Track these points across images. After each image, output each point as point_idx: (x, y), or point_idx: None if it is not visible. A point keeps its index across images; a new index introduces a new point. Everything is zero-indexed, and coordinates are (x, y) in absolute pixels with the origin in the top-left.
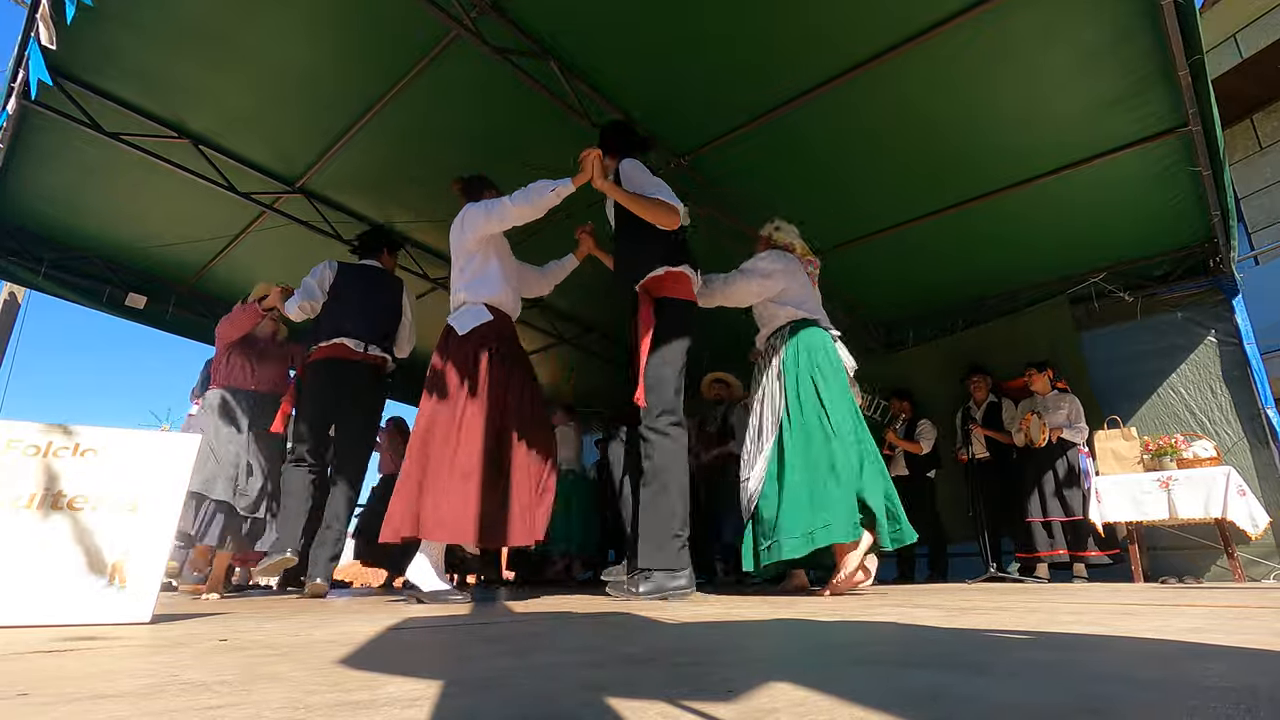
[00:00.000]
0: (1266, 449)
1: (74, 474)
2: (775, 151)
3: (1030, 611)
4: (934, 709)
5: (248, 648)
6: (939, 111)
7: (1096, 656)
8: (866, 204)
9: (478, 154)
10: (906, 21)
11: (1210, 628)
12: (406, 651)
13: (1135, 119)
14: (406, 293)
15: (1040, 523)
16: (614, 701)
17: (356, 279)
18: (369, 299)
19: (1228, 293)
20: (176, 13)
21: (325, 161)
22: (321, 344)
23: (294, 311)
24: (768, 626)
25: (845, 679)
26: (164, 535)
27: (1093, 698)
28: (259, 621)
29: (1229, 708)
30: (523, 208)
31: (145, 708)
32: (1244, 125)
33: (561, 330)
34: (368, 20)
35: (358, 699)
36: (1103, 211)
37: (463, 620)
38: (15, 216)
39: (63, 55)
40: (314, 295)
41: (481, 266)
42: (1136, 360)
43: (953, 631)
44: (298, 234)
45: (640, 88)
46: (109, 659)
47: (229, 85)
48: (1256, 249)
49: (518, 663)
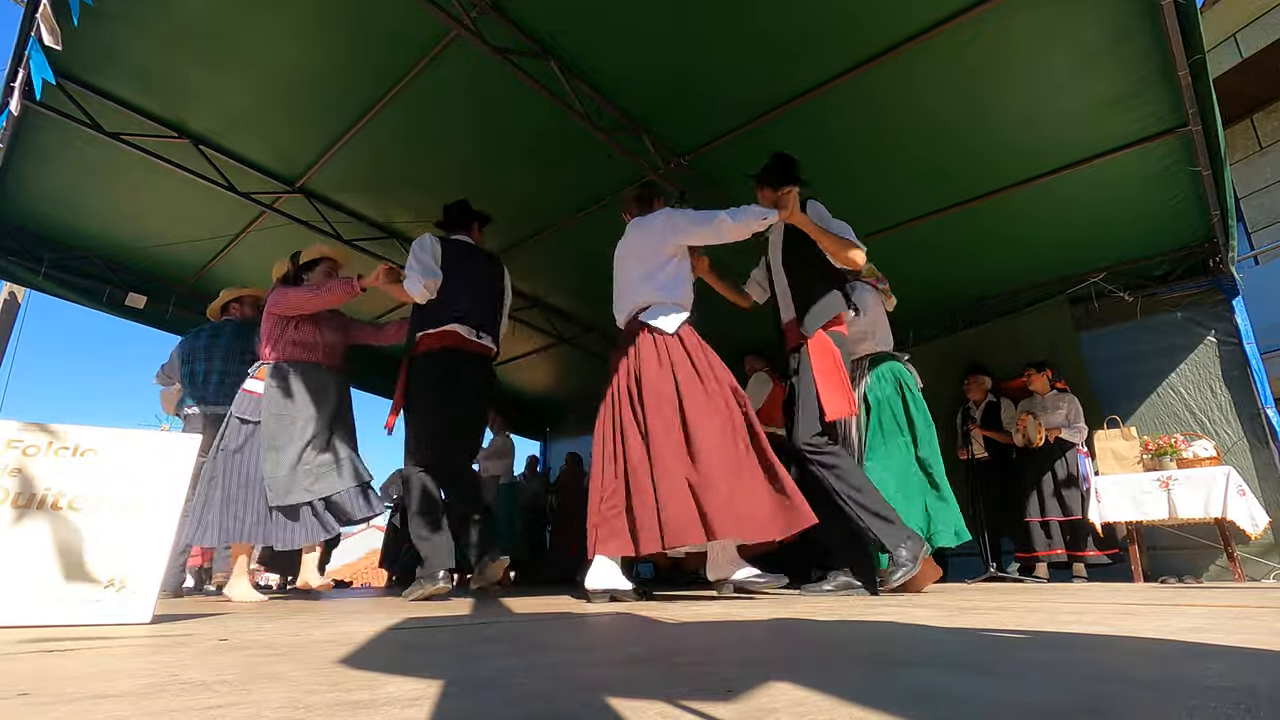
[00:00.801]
0: (1266, 449)
1: (74, 474)
2: (775, 151)
3: (1030, 611)
4: (934, 709)
5: (247, 647)
6: (939, 111)
7: (1096, 656)
8: (866, 203)
9: (478, 154)
10: (906, 21)
11: (1210, 627)
12: (406, 651)
13: (1135, 119)
14: (506, 274)
15: (1039, 523)
16: (614, 701)
17: (463, 257)
18: (477, 280)
19: (1227, 293)
20: (177, 12)
21: (325, 161)
22: (430, 330)
23: (420, 292)
24: (768, 626)
25: (845, 679)
26: (164, 535)
27: (1093, 698)
28: (259, 621)
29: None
30: (737, 226)
31: (145, 708)
32: (1244, 125)
33: (561, 330)
34: (368, 20)
35: (358, 699)
36: (1103, 211)
37: (463, 620)
38: (15, 216)
39: (63, 55)
40: (436, 273)
41: (676, 269)
42: (1136, 360)
43: (953, 631)
44: (298, 234)
45: (640, 88)
46: (109, 659)
47: (229, 85)
48: (1256, 249)
49: (518, 662)
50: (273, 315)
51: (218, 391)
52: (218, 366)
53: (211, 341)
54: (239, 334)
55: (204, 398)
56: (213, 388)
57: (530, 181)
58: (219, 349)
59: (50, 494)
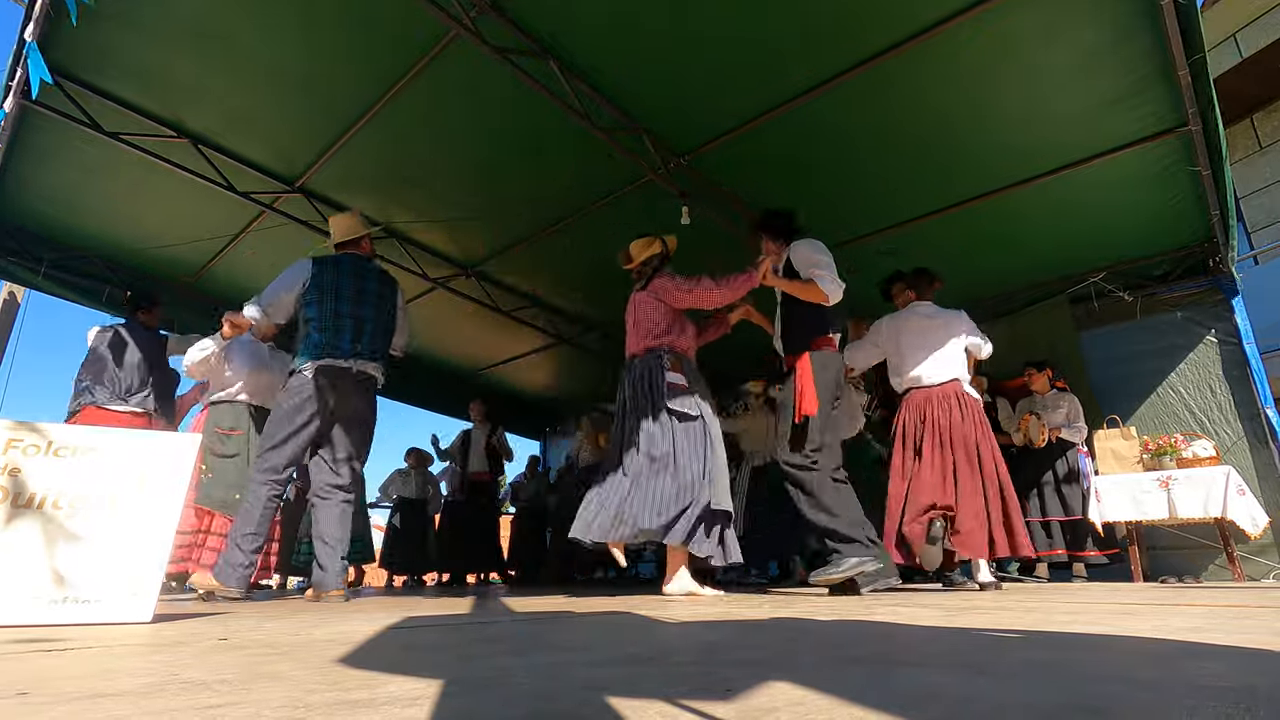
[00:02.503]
0: (1266, 449)
1: (73, 474)
2: (775, 151)
3: (1029, 611)
4: (934, 709)
5: (247, 647)
6: (939, 111)
7: (1096, 656)
8: (865, 203)
9: (477, 154)
10: (907, 20)
11: (1210, 627)
12: (406, 651)
13: (1135, 119)
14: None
15: (1039, 522)
16: (614, 701)
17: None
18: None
19: (1227, 292)
20: (176, 12)
21: (325, 161)
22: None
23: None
24: (767, 626)
25: (845, 679)
26: (164, 535)
27: (1092, 697)
28: (259, 621)
29: (1228, 707)
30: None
31: (145, 707)
32: (1244, 125)
33: (562, 330)
34: (367, 19)
35: (358, 698)
36: (1103, 211)
37: (463, 620)
38: (15, 216)
39: (62, 55)
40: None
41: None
42: (1136, 360)
43: (952, 631)
44: (297, 234)
45: (640, 88)
46: (109, 659)
47: (228, 85)
48: (1256, 249)
49: (518, 662)
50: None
51: (371, 345)
52: (369, 314)
53: (359, 284)
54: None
55: (346, 349)
56: (367, 339)
57: (530, 181)
58: (369, 296)
59: (50, 494)
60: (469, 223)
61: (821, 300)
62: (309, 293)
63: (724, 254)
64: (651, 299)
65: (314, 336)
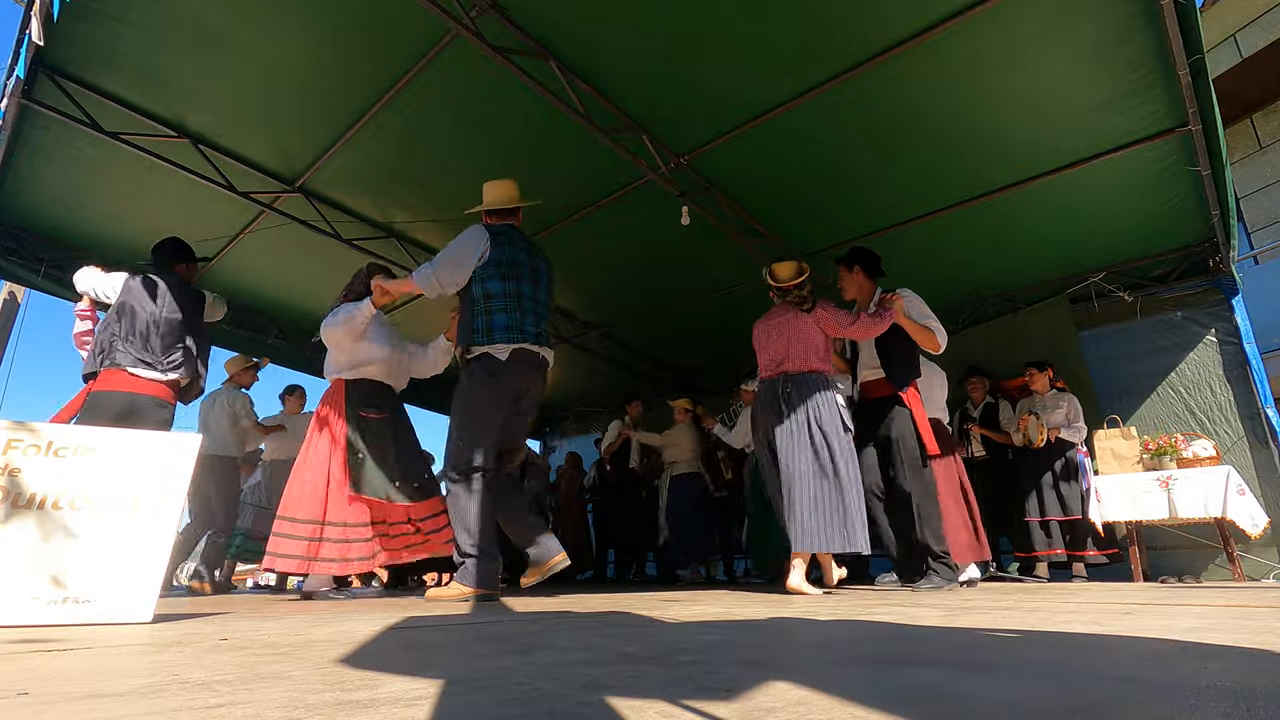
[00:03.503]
0: (1266, 449)
1: (72, 474)
2: (775, 151)
3: (1030, 611)
4: (933, 708)
5: (247, 647)
6: (940, 111)
7: (1096, 656)
8: (865, 203)
9: (477, 153)
10: (907, 20)
11: (1210, 627)
12: (406, 651)
13: (1135, 119)
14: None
15: (1038, 522)
16: (614, 700)
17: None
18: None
19: (1227, 292)
20: (176, 11)
21: (325, 161)
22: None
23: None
24: (767, 626)
25: (845, 679)
26: (164, 535)
27: (1092, 697)
28: (259, 621)
29: (1228, 707)
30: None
31: (145, 707)
32: (1244, 125)
33: (561, 330)
34: (367, 19)
35: (358, 698)
36: (1102, 211)
37: (463, 620)
38: (15, 216)
39: (61, 54)
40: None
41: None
42: (1136, 360)
43: (953, 631)
44: (297, 233)
45: (640, 88)
46: (109, 659)
47: (228, 84)
48: (1256, 249)
49: (518, 662)
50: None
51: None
52: (544, 297)
53: (534, 263)
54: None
55: (531, 333)
56: (542, 324)
57: (530, 181)
58: (542, 277)
59: (50, 494)
60: (468, 223)
61: (934, 348)
62: (488, 266)
63: (724, 254)
64: (813, 323)
65: (499, 318)
